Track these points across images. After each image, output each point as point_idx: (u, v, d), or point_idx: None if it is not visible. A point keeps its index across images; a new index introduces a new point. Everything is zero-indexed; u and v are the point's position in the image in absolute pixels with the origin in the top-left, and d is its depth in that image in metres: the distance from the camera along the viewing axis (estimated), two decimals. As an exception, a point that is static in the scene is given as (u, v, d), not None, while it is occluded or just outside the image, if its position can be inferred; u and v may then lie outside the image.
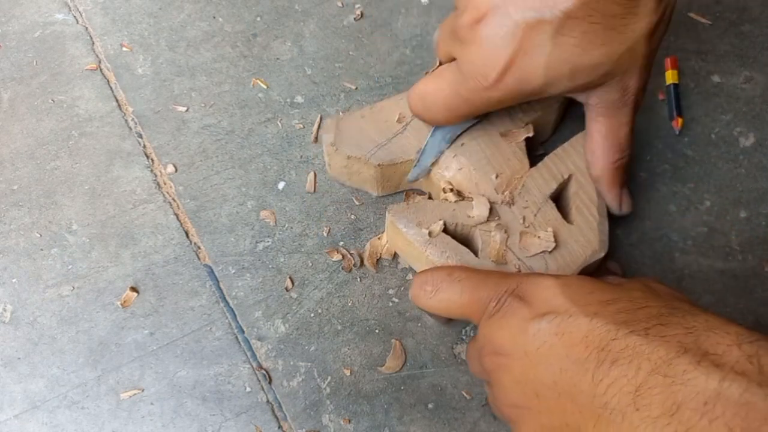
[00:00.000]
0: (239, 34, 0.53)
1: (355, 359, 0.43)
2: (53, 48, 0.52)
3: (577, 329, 0.30)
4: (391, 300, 0.45)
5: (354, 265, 0.45)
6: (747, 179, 0.48)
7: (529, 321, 0.31)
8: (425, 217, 0.41)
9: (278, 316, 0.44)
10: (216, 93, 0.51)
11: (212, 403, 0.42)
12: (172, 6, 0.54)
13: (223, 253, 0.46)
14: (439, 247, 0.40)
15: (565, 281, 0.33)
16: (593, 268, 0.41)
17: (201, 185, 0.48)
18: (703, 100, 0.51)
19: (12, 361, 0.43)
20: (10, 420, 0.42)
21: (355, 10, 0.54)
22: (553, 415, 0.30)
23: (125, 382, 0.43)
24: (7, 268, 0.45)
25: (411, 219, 0.41)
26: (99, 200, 0.47)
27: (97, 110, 0.50)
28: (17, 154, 0.49)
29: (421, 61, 0.52)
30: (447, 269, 0.37)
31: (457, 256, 0.40)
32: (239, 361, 0.43)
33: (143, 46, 0.53)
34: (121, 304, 0.44)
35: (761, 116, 0.50)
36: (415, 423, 0.42)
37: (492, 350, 0.33)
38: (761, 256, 0.46)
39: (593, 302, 0.31)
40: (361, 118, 0.45)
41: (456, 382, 0.43)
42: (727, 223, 0.47)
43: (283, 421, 0.42)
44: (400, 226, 0.41)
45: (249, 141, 0.49)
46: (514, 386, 0.32)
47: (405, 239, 0.41)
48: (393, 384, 0.43)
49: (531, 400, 0.31)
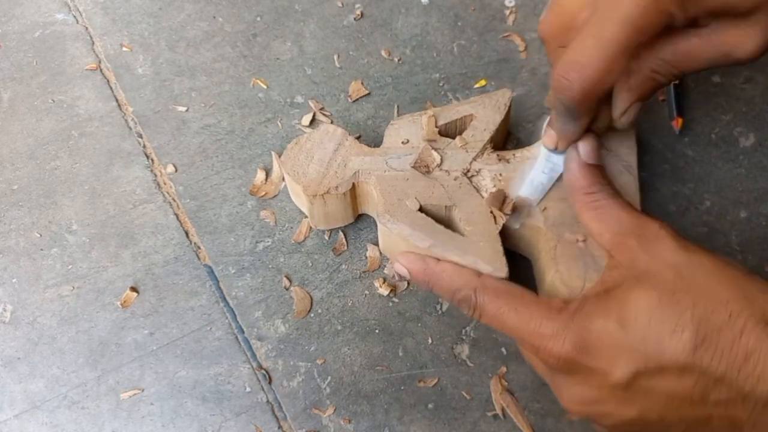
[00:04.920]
0: (239, 34, 0.53)
1: (355, 359, 0.43)
2: (53, 48, 0.52)
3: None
4: (391, 300, 0.45)
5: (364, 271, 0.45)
6: (747, 179, 0.48)
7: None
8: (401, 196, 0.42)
9: (278, 316, 0.44)
10: (216, 93, 0.51)
11: (212, 403, 0.42)
12: (172, 6, 0.54)
13: (223, 253, 0.46)
14: (422, 231, 0.40)
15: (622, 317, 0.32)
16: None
17: (201, 185, 0.48)
18: (703, 100, 0.51)
19: (12, 361, 0.43)
20: (10, 420, 0.42)
21: (355, 10, 0.54)
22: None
23: (125, 382, 0.43)
24: (7, 268, 0.45)
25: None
26: (99, 200, 0.47)
27: (97, 110, 0.50)
28: (17, 154, 0.49)
29: (421, 61, 0.52)
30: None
31: (436, 237, 0.40)
32: (239, 361, 0.43)
33: (143, 46, 0.53)
34: (121, 304, 0.44)
35: (761, 116, 0.50)
36: (415, 423, 0.42)
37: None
38: (761, 256, 0.46)
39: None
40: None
41: (456, 382, 0.43)
42: (727, 223, 0.47)
43: (283, 421, 0.42)
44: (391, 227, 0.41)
45: (249, 141, 0.49)
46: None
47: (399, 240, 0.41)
48: (393, 384, 0.43)
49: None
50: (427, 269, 0.39)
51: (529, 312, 0.34)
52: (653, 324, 0.30)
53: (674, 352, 0.29)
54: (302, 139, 0.44)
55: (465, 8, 0.54)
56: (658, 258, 0.33)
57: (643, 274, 0.32)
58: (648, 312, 0.31)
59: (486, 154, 0.43)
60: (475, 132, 0.43)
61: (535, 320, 0.34)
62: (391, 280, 0.45)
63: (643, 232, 0.34)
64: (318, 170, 0.43)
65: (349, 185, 0.42)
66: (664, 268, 0.32)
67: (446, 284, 0.38)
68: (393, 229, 0.40)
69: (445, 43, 0.52)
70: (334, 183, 0.42)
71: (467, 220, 0.40)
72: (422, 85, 0.51)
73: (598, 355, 0.32)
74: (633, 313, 0.31)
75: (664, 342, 0.30)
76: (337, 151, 0.44)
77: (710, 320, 0.29)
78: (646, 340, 0.30)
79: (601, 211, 0.37)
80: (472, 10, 0.53)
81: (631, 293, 0.32)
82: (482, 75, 0.51)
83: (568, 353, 0.32)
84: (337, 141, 0.44)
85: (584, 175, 0.38)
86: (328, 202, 0.43)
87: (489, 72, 0.51)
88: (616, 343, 0.31)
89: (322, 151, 0.44)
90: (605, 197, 0.37)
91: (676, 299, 0.30)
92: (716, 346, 0.29)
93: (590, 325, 0.32)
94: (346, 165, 0.43)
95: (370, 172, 0.42)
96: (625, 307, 0.31)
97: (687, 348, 0.29)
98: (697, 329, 0.29)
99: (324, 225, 0.46)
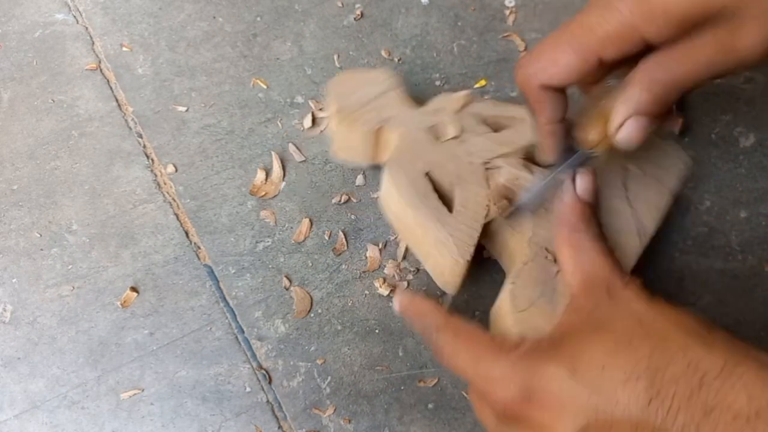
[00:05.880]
0: (239, 34, 0.53)
1: (355, 359, 0.43)
2: (53, 48, 0.52)
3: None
4: (391, 300, 0.45)
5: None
6: (747, 179, 0.48)
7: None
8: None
9: (278, 316, 0.44)
10: (216, 93, 0.51)
11: (212, 403, 0.42)
12: (172, 6, 0.54)
13: (223, 253, 0.46)
14: (416, 199, 0.41)
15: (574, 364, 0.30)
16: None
17: (201, 185, 0.48)
18: (703, 100, 0.51)
19: (12, 361, 0.43)
20: (10, 420, 0.42)
21: (355, 10, 0.54)
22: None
23: (125, 382, 0.43)
24: (7, 268, 0.45)
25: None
26: (99, 200, 0.47)
27: (97, 110, 0.50)
28: (17, 154, 0.49)
29: (421, 61, 0.52)
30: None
31: (428, 208, 0.40)
32: (239, 361, 0.43)
33: (143, 46, 0.53)
34: (121, 304, 0.44)
35: (761, 116, 0.50)
36: (415, 423, 0.42)
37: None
38: (761, 256, 0.46)
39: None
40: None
41: (456, 382, 0.43)
42: (727, 223, 0.47)
43: (283, 421, 0.42)
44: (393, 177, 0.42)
45: (249, 141, 0.49)
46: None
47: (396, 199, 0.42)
48: (393, 384, 0.43)
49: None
50: (409, 306, 0.37)
51: (479, 352, 0.32)
52: (606, 372, 0.28)
53: (627, 405, 0.27)
54: (359, 71, 0.47)
55: (465, 8, 0.54)
56: (620, 306, 0.32)
57: (602, 322, 0.31)
58: (602, 359, 0.29)
59: (518, 158, 0.43)
60: (516, 134, 0.44)
61: (484, 362, 0.32)
62: (391, 280, 0.45)
63: (612, 282, 0.34)
64: (356, 103, 0.45)
65: (375, 128, 0.44)
66: (625, 316, 0.31)
67: (418, 323, 0.36)
68: (394, 177, 0.42)
69: (445, 43, 0.52)
70: (363, 120, 0.44)
71: (462, 203, 0.41)
72: (422, 85, 0.51)
73: (543, 406, 0.30)
74: (586, 361, 0.29)
75: (617, 392, 0.28)
76: (381, 96, 0.45)
77: (667, 370, 0.27)
78: (598, 390, 0.28)
79: (580, 252, 0.36)
80: (472, 10, 0.53)
81: (586, 339, 0.30)
82: (482, 75, 0.51)
83: (513, 398, 0.30)
84: (385, 88, 0.45)
85: (573, 212, 0.38)
86: (351, 135, 0.45)
87: (489, 72, 0.51)
88: (565, 393, 0.29)
89: (369, 89, 0.46)
90: (588, 239, 0.36)
91: (633, 347, 0.29)
92: (672, 399, 0.26)
93: (539, 370, 0.30)
94: (382, 110, 0.45)
95: (400, 125, 0.44)
96: (579, 354, 0.29)
97: (641, 400, 0.27)
98: (653, 379, 0.27)
99: (343, 155, 0.47)
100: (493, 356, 0.32)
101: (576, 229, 0.37)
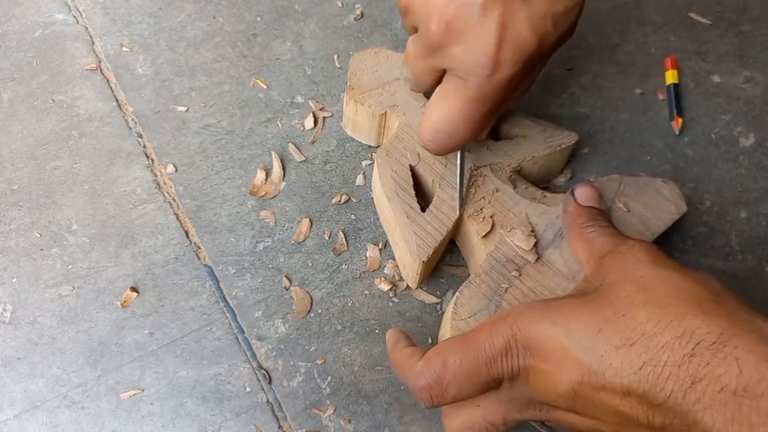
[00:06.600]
0: (239, 34, 0.53)
1: (355, 359, 0.43)
2: (53, 48, 0.52)
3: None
4: (391, 300, 0.45)
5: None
6: (747, 179, 0.48)
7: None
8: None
9: (278, 316, 0.44)
10: (216, 93, 0.51)
11: (212, 403, 0.42)
12: (172, 6, 0.54)
13: (223, 253, 0.46)
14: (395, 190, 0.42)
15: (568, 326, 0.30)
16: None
17: (201, 185, 0.48)
18: (703, 100, 0.51)
19: (12, 361, 0.43)
20: (10, 420, 0.42)
21: (355, 10, 0.54)
22: None
23: (125, 382, 0.43)
24: (7, 268, 0.45)
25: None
26: (99, 200, 0.47)
27: (97, 110, 0.50)
28: (17, 154, 0.49)
29: (421, 61, 0.52)
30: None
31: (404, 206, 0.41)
32: (239, 361, 0.43)
33: (143, 46, 0.53)
34: (121, 304, 0.44)
35: (761, 116, 0.50)
36: (415, 423, 0.42)
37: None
38: (761, 256, 0.46)
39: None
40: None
41: (456, 382, 0.43)
42: (727, 223, 0.47)
43: (283, 421, 0.42)
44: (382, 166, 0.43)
45: (249, 141, 0.49)
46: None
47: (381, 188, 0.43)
48: (393, 384, 0.43)
49: None
50: (395, 357, 0.37)
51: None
52: (602, 335, 0.29)
53: (619, 369, 0.28)
54: (383, 51, 0.47)
55: (465, 8, 0.53)
56: (625, 272, 0.32)
57: (604, 291, 0.31)
58: (598, 324, 0.29)
59: (507, 170, 0.43)
60: (512, 147, 0.44)
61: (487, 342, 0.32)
62: (391, 280, 0.45)
63: (618, 249, 0.34)
64: (370, 83, 0.46)
65: (381, 111, 0.45)
66: (628, 282, 0.31)
67: (399, 372, 0.36)
68: (380, 164, 0.43)
69: (445, 43, 0.52)
70: (373, 101, 0.45)
71: (437, 204, 0.42)
72: (422, 85, 0.51)
73: (544, 357, 0.30)
74: (582, 323, 0.30)
75: (610, 356, 0.28)
76: (396, 81, 0.46)
77: (662, 336, 0.27)
78: (591, 352, 0.29)
79: (591, 240, 0.37)
80: (472, 10, 0.53)
81: (584, 306, 0.31)
82: (482, 75, 0.51)
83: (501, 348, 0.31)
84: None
85: (581, 213, 0.39)
86: (359, 112, 0.46)
87: (489, 72, 0.51)
88: (560, 349, 0.30)
89: (386, 73, 0.46)
90: (597, 228, 0.37)
91: (632, 314, 0.29)
92: (663, 366, 0.27)
93: (536, 328, 0.31)
94: (393, 95, 0.45)
95: (405, 113, 0.45)
96: (575, 317, 0.30)
97: (633, 364, 0.27)
98: (647, 345, 0.27)
99: (350, 130, 0.49)
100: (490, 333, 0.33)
101: (584, 227, 0.38)
